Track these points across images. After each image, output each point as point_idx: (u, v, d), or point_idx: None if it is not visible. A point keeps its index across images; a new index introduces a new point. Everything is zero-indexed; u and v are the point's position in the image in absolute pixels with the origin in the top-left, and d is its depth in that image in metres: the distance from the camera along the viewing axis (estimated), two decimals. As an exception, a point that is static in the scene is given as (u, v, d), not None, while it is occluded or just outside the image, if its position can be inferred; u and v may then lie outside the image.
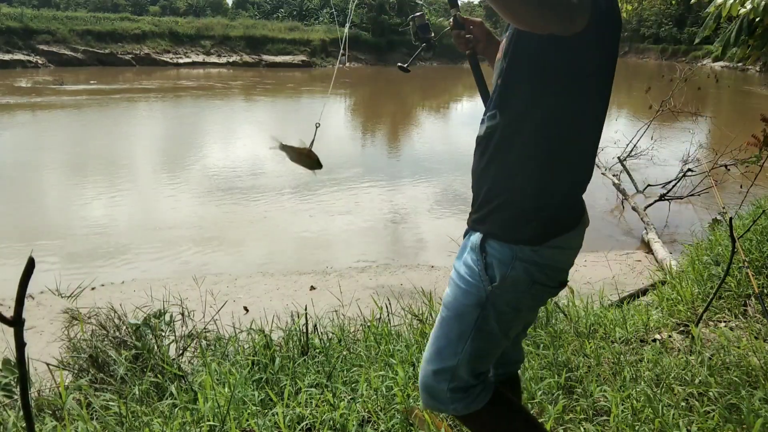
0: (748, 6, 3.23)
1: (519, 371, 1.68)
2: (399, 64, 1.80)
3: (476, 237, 1.31)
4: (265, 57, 32.87)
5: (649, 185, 8.10)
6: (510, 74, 1.25)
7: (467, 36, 1.59)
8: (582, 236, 1.35)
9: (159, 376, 2.34)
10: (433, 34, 1.69)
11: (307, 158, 1.53)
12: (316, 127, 1.52)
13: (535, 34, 1.14)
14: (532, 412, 2.04)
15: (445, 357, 1.33)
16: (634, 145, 8.74)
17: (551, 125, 1.22)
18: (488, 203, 1.29)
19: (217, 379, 2.27)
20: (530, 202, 1.24)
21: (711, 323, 2.93)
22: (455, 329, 1.32)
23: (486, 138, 1.31)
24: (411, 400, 2.04)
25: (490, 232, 1.28)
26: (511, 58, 1.24)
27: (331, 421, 1.95)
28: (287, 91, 22.56)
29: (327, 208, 7.59)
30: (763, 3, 3.17)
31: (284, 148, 1.54)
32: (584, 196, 1.37)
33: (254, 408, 2.04)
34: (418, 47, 1.71)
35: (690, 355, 2.46)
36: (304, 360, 2.45)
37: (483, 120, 1.34)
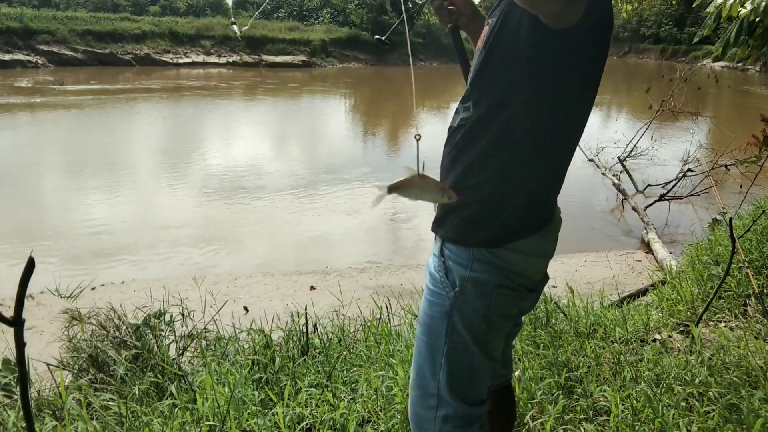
0: (749, 6, 3.23)
1: (511, 381, 1.60)
2: (377, 36, 1.69)
3: (437, 242, 1.24)
4: (265, 57, 32.89)
5: (649, 185, 8.10)
6: (488, 66, 1.16)
7: (449, 7, 1.46)
8: (550, 243, 1.26)
9: (159, 376, 2.34)
10: (411, 5, 1.58)
11: (429, 186, 1.11)
12: (417, 141, 1.12)
13: (522, 24, 1.07)
14: (531, 412, 2.04)
15: (426, 378, 1.24)
16: (634, 145, 8.74)
17: (521, 123, 1.14)
18: None
19: (217, 379, 2.27)
20: (488, 202, 1.17)
21: (711, 323, 2.93)
22: (428, 345, 1.23)
23: (456, 130, 1.22)
24: (411, 400, 2.04)
25: (447, 236, 1.21)
26: (491, 48, 1.15)
27: (331, 421, 1.95)
28: (290, 91, 22.56)
29: (327, 208, 7.59)
30: (763, 4, 3.17)
31: (394, 189, 1.15)
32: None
33: (254, 408, 2.04)
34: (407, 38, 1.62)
35: (690, 355, 2.46)
36: (304, 360, 2.45)
37: (458, 110, 1.24)
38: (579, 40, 1.09)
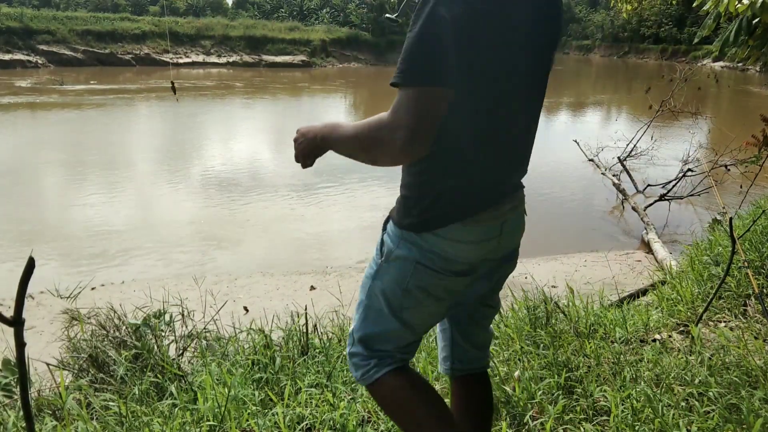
0: (746, 2, 3.22)
1: (486, 370, 1.60)
2: (386, 15, 1.63)
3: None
4: (265, 57, 32.92)
5: (649, 185, 8.11)
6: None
7: None
8: (487, 230, 1.29)
9: (159, 376, 2.34)
10: None
11: None
12: None
13: None
14: (531, 412, 2.04)
15: (354, 320, 1.44)
16: (634, 145, 8.74)
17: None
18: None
19: (217, 379, 2.27)
20: (413, 190, 1.29)
21: (711, 323, 2.93)
22: (359, 297, 1.42)
23: None
24: (411, 400, 2.04)
25: (390, 214, 1.38)
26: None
27: (331, 421, 1.95)
28: (290, 91, 22.56)
29: (327, 208, 7.59)
30: (760, 0, 3.16)
31: None
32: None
33: (254, 408, 2.04)
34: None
35: (690, 355, 2.46)
36: (304, 360, 2.45)
37: None
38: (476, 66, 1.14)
